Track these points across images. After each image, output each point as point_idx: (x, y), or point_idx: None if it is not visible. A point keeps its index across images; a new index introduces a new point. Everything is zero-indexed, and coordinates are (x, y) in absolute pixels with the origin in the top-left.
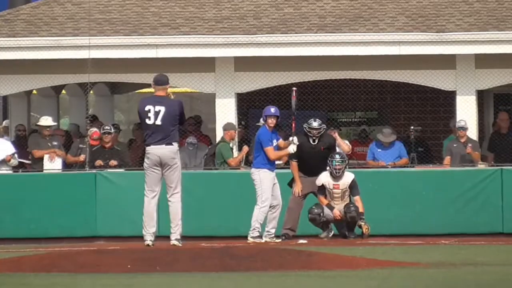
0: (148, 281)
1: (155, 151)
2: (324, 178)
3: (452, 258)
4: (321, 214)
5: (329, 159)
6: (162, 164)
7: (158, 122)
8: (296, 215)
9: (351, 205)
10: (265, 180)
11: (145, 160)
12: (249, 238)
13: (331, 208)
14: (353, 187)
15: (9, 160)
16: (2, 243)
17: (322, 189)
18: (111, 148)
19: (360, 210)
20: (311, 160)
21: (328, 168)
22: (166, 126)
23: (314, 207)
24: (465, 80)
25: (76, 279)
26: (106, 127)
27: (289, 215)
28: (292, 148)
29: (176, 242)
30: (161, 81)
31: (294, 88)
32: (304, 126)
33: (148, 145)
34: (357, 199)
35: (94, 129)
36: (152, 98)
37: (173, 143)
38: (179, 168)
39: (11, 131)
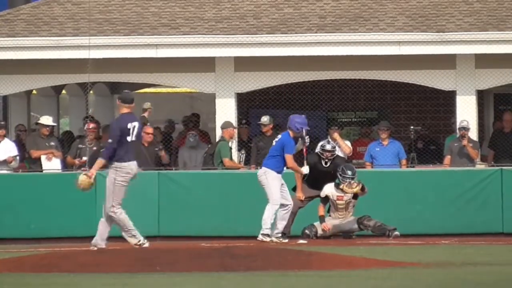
0: (148, 281)
1: (133, 167)
2: (328, 190)
3: (452, 258)
4: (313, 238)
5: (340, 172)
6: (133, 179)
7: (133, 138)
8: (291, 217)
9: (364, 217)
10: (271, 181)
11: (122, 176)
12: (260, 236)
13: (322, 221)
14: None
15: (11, 162)
16: (2, 243)
17: (326, 200)
18: None
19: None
20: (320, 180)
21: (337, 179)
22: (137, 142)
23: (306, 230)
24: (465, 80)
25: (76, 279)
26: None
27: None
28: (305, 169)
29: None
30: (127, 99)
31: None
32: (317, 149)
33: (125, 161)
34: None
35: (92, 124)
36: (127, 116)
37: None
38: None
39: (11, 131)
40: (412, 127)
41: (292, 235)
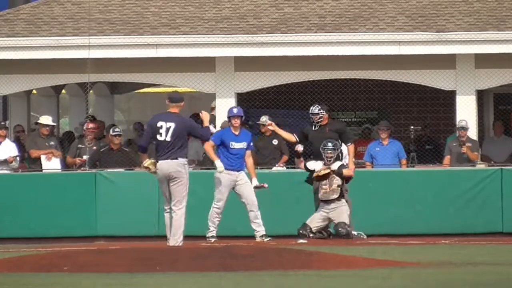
0: (148, 280)
1: (162, 166)
2: (313, 165)
3: (452, 258)
4: (310, 235)
5: (322, 146)
6: (169, 178)
7: (168, 138)
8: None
9: (343, 224)
10: (219, 181)
11: (158, 175)
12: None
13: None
14: (340, 168)
15: (11, 162)
16: (2, 242)
17: (308, 168)
18: (119, 150)
19: (347, 172)
20: (318, 145)
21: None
22: (174, 142)
23: (301, 231)
24: (465, 80)
25: (76, 279)
26: (116, 129)
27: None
28: (218, 170)
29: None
30: (175, 99)
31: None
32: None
33: (157, 161)
34: (346, 170)
35: (91, 124)
36: (164, 115)
37: (179, 158)
38: (185, 183)
39: (10, 131)
40: (412, 127)
41: (291, 234)
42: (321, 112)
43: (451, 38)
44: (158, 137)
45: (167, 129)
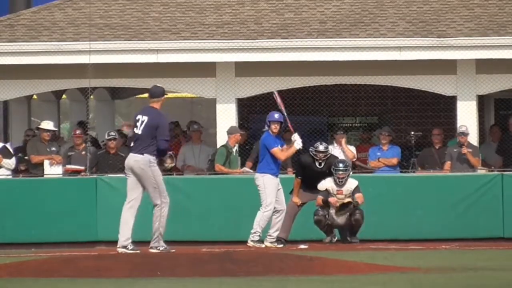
0: (149, 286)
1: (128, 158)
2: (328, 184)
3: (453, 263)
4: (326, 217)
5: (333, 167)
6: (133, 173)
7: (139, 131)
8: (289, 222)
9: (357, 210)
10: (268, 185)
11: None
12: (249, 241)
13: (327, 198)
14: (355, 190)
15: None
16: (3, 248)
17: (324, 192)
18: (116, 154)
19: (360, 200)
20: (314, 180)
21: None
22: (144, 136)
23: (319, 209)
24: (465, 85)
25: (77, 284)
26: (111, 133)
27: (283, 221)
28: (298, 144)
29: (154, 251)
30: (155, 94)
31: (275, 91)
32: (310, 149)
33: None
34: (359, 196)
35: (78, 130)
36: (144, 108)
37: (144, 154)
38: (149, 178)
39: (11, 136)
40: (412, 132)
41: (292, 239)
42: (326, 150)
43: (452, 44)
44: (135, 130)
45: (142, 122)
